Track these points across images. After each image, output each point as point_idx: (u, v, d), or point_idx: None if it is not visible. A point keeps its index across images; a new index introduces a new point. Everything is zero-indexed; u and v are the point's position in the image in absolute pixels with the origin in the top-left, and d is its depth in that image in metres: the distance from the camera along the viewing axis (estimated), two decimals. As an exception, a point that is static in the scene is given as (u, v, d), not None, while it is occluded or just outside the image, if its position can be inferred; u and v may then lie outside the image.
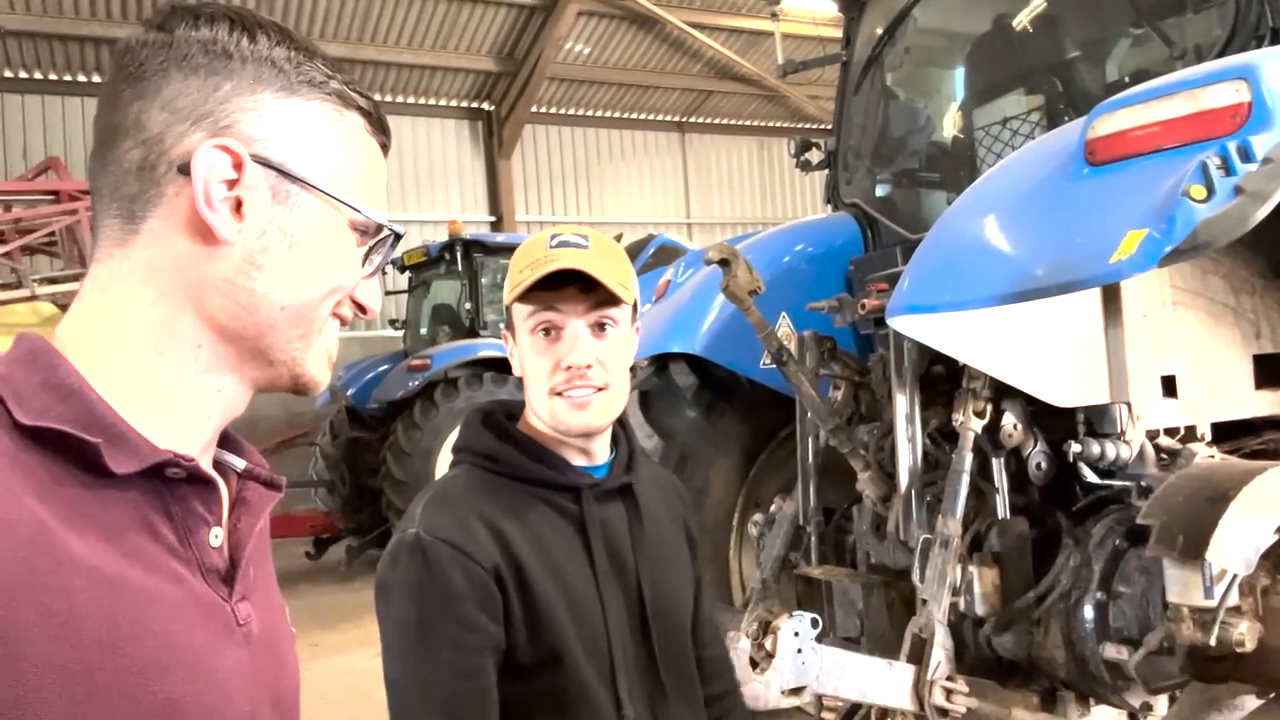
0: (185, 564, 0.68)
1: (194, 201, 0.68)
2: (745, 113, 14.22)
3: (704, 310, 2.99)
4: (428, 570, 1.17)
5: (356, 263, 0.78)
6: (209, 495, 0.71)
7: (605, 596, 1.25)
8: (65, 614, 0.58)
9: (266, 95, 0.72)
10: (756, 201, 14.68)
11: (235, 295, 0.71)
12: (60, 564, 0.59)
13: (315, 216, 0.74)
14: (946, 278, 2.06)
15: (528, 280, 1.22)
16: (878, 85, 3.48)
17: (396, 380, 7.53)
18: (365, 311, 0.81)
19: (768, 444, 3.24)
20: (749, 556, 3.16)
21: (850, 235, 3.33)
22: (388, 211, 0.80)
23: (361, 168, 0.77)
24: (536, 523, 1.25)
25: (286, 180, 0.72)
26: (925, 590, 2.15)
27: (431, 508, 1.23)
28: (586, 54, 12.11)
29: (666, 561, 1.36)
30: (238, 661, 0.70)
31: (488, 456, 1.29)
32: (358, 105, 0.77)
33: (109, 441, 0.64)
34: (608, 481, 1.31)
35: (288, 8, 10.10)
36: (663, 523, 1.39)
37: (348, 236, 0.76)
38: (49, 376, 0.65)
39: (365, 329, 11.42)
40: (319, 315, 0.75)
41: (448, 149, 12.38)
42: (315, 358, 0.77)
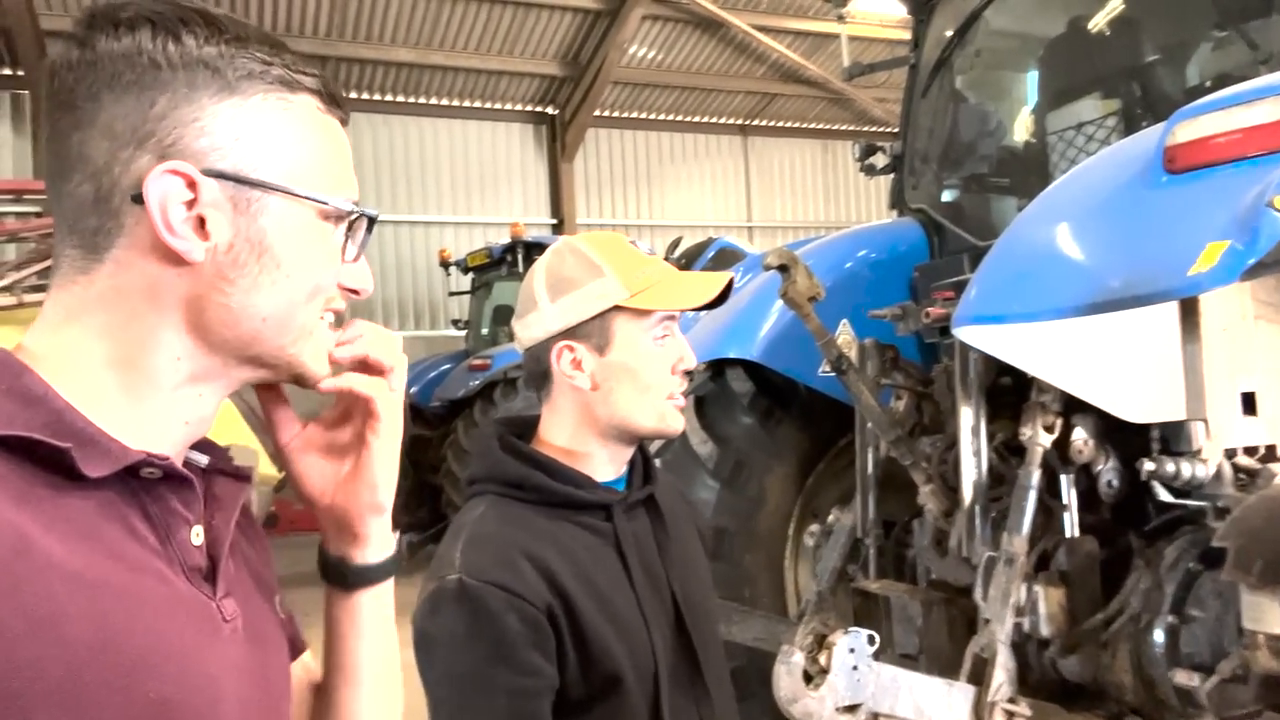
0: (168, 564, 0.67)
1: (155, 229, 0.66)
2: (810, 116, 14.09)
3: (762, 316, 2.95)
4: (476, 617, 1.11)
5: (335, 253, 0.75)
6: (187, 494, 0.70)
7: (647, 613, 1.23)
8: (50, 617, 0.58)
9: (205, 101, 0.68)
10: (819, 206, 14.53)
11: (214, 312, 0.69)
12: (41, 569, 0.58)
13: (282, 217, 0.70)
14: (1016, 287, 2.01)
15: (713, 289, 1.26)
16: (947, 88, 3.41)
17: (458, 379, 7.63)
18: (357, 293, 0.79)
19: (826, 453, 3.19)
20: (804, 567, 3.11)
21: (915, 241, 3.26)
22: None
23: (320, 152, 0.73)
24: (575, 549, 1.21)
25: (245, 188, 0.69)
26: (988, 609, 2.09)
27: (471, 550, 1.17)
28: (650, 58, 12.12)
29: (693, 567, 1.35)
30: (226, 658, 0.70)
31: (514, 484, 1.24)
32: (305, 86, 0.73)
33: (79, 446, 0.62)
34: (632, 494, 1.30)
35: (360, 14, 10.31)
36: (684, 529, 1.38)
37: (320, 228, 0.73)
38: (13, 384, 0.63)
39: (429, 329, 11.62)
40: (306, 319, 0.73)
41: (511, 152, 12.51)
42: (312, 354, 0.75)
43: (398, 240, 11.77)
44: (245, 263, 0.69)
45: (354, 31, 10.56)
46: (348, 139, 0.77)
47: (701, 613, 1.32)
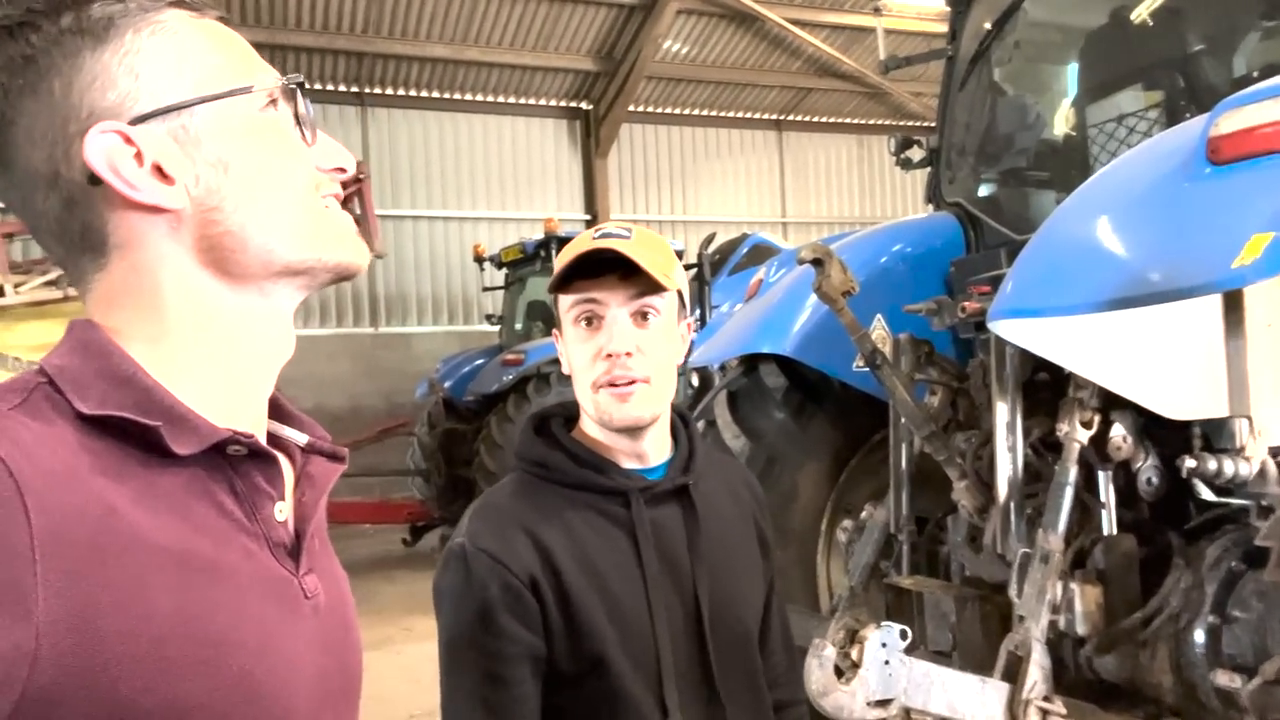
0: (253, 539, 0.69)
1: (124, 195, 0.66)
2: (845, 110, 13.97)
3: (796, 310, 2.94)
4: (467, 580, 1.18)
5: (293, 139, 0.74)
6: (271, 470, 0.71)
7: (655, 602, 1.22)
8: (136, 590, 0.60)
9: (89, 62, 0.67)
10: (855, 201, 14.41)
11: (221, 246, 0.70)
12: (129, 543, 0.60)
13: (223, 129, 0.70)
14: (1052, 281, 1.98)
15: (563, 266, 1.21)
16: (984, 81, 3.36)
17: (491, 374, 7.69)
18: (343, 170, 0.77)
19: (859, 448, 3.17)
20: (837, 563, 3.10)
21: (952, 235, 3.23)
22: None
23: (216, 53, 0.72)
24: (581, 529, 1.22)
25: (174, 116, 0.68)
26: (1023, 606, 2.06)
27: (478, 517, 1.24)
28: (685, 53, 12.09)
29: (731, 565, 1.32)
30: (307, 633, 0.71)
31: (537, 463, 1.28)
32: (166, 3, 0.71)
33: (169, 424, 0.65)
34: (662, 483, 1.28)
35: (395, 11, 10.40)
36: (728, 523, 1.35)
37: (264, 120, 0.72)
38: (104, 365, 0.66)
39: (463, 324, 11.71)
40: (305, 208, 0.73)
41: (545, 148, 12.55)
42: (338, 244, 0.75)
43: (432, 235, 11.86)
44: (219, 186, 0.69)
45: (390, 28, 10.65)
46: (233, 32, 0.76)
47: (730, 613, 1.29)
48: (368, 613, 6.57)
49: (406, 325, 11.70)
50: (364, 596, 6.86)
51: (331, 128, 11.29)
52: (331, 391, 10.67)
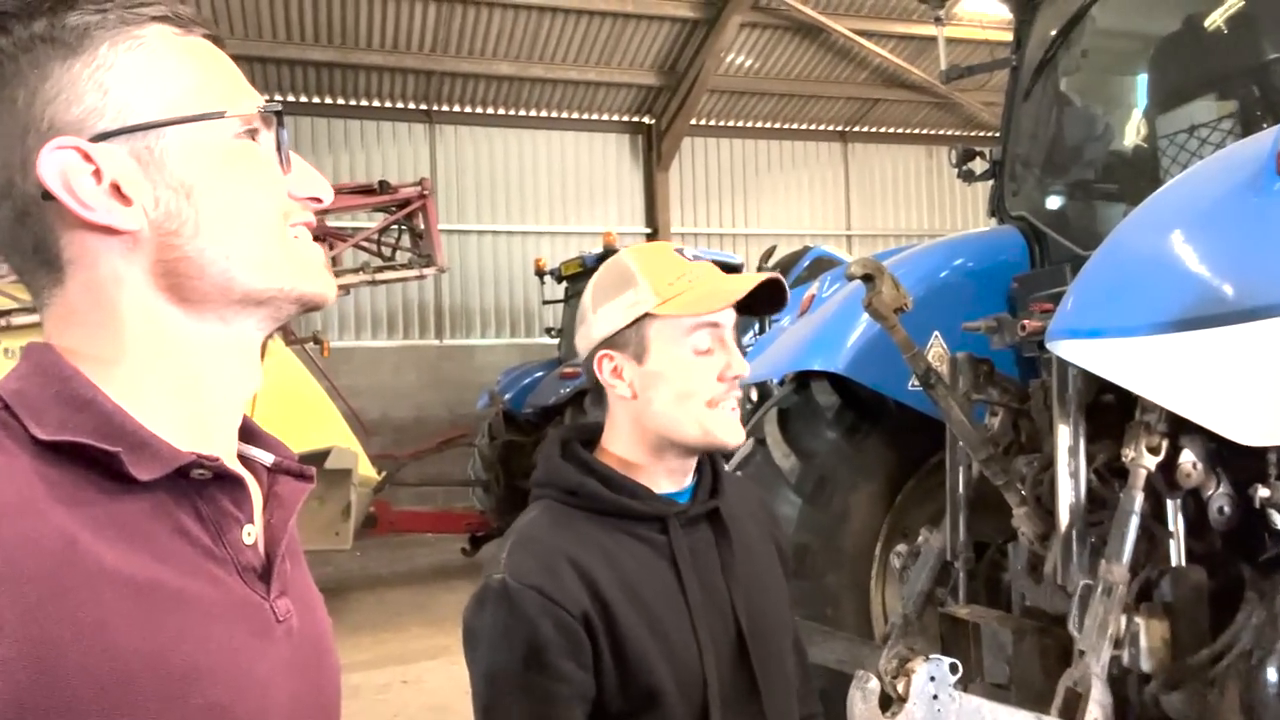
0: (220, 565, 0.67)
1: (76, 214, 0.64)
2: (913, 121, 13.74)
3: (848, 327, 2.88)
4: (514, 618, 1.12)
5: (266, 166, 0.71)
6: (238, 493, 0.69)
7: (700, 630, 1.19)
8: (98, 624, 0.57)
9: (58, 73, 0.64)
10: (923, 213, 14.14)
11: (178, 271, 0.67)
12: (90, 575, 0.58)
13: (190, 152, 0.67)
14: (1116, 299, 1.89)
15: (738, 290, 1.21)
16: (1050, 91, 3.25)
17: (549, 387, 7.74)
18: (320, 200, 0.74)
19: (915, 471, 3.08)
20: (891, 589, 3.01)
21: (1015, 250, 3.12)
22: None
23: (193, 73, 0.69)
24: (624, 559, 1.19)
25: (139, 136, 0.66)
26: (1083, 640, 1.97)
27: (517, 551, 1.18)
28: (748, 65, 12.04)
29: (763, 585, 1.30)
30: (279, 657, 0.69)
31: (569, 491, 1.24)
32: (149, 17, 0.68)
33: (129, 449, 0.62)
34: (694, 507, 1.26)
35: (463, 30, 10.58)
36: (754, 543, 1.33)
37: (235, 146, 0.70)
38: (62, 389, 0.63)
39: (524, 337, 11.82)
40: (270, 239, 0.70)
41: (607, 162, 12.62)
42: (300, 273, 0.72)
43: (496, 250, 12.02)
44: (179, 211, 0.67)
45: (457, 47, 10.84)
46: (221, 53, 0.73)
47: (768, 634, 1.27)
48: (426, 621, 6.72)
49: (470, 338, 11.86)
50: (423, 604, 6.93)
51: (400, 145, 11.56)
52: (397, 402, 10.87)
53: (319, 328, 9.17)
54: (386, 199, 7.32)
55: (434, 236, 7.29)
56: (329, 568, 8.23)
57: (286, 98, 10.98)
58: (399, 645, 5.79)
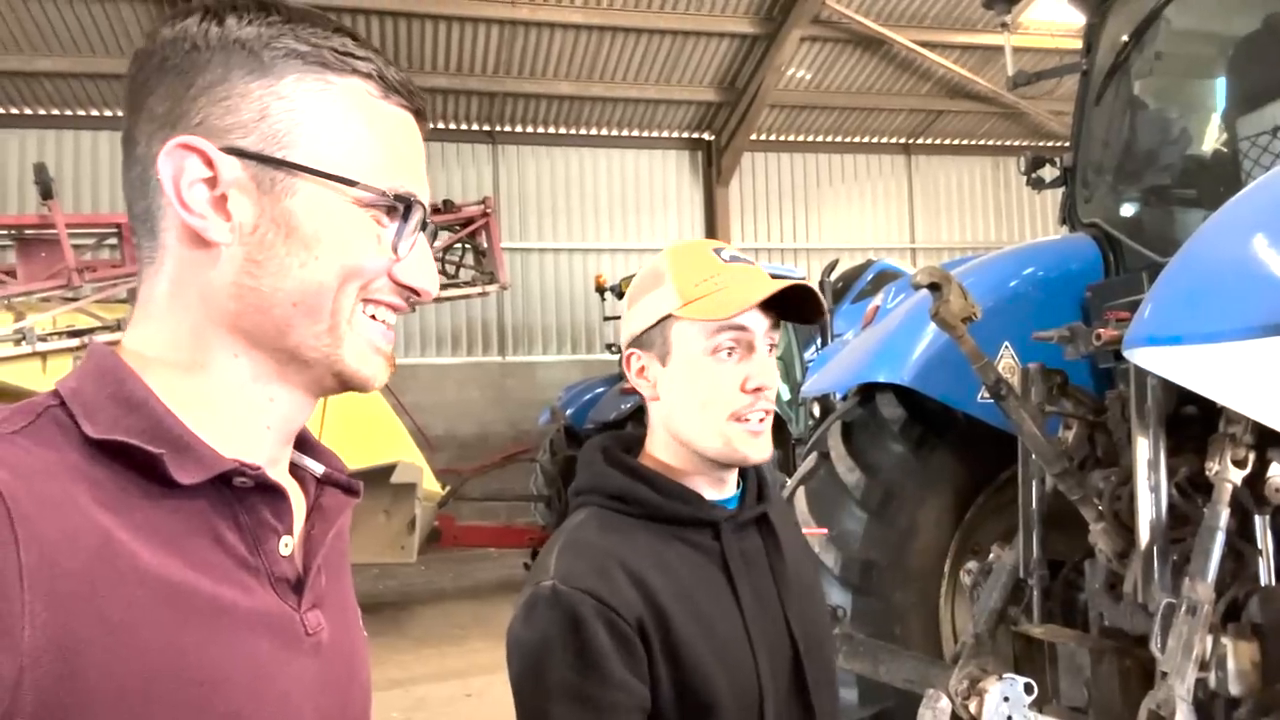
0: (254, 574, 0.67)
1: (172, 206, 0.66)
2: (979, 132, 13.50)
3: (915, 338, 2.81)
4: (566, 624, 1.06)
5: (373, 241, 0.70)
6: (278, 504, 0.69)
7: (755, 638, 1.16)
8: (126, 625, 0.58)
9: (237, 81, 0.67)
10: (990, 225, 13.86)
11: (246, 297, 0.68)
12: (123, 575, 0.59)
13: (311, 200, 0.68)
14: (1197, 304, 1.81)
15: (757, 295, 1.14)
16: (1123, 95, 3.16)
17: (610, 402, 7.76)
18: (418, 294, 0.74)
19: (986, 485, 3.00)
20: (961, 607, 2.93)
21: (1088, 258, 3.03)
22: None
23: (358, 138, 0.69)
24: (676, 565, 1.15)
25: (269, 167, 0.67)
26: (1166, 662, 1.88)
27: (567, 556, 1.13)
28: (809, 79, 11.98)
29: (809, 591, 1.27)
30: (304, 671, 0.69)
31: (616, 496, 1.19)
32: (354, 70, 0.70)
33: (174, 452, 0.63)
34: (743, 512, 1.23)
35: (525, 51, 10.75)
36: (799, 549, 1.31)
37: (358, 216, 0.70)
38: (117, 390, 0.65)
39: (586, 353, 11.88)
40: (340, 305, 0.69)
41: (668, 179, 12.66)
42: (353, 351, 0.71)
43: (557, 267, 12.13)
44: (272, 244, 0.67)
45: (519, 68, 11.02)
46: (409, 126, 0.73)
47: (818, 643, 1.25)
48: (489, 635, 6.74)
49: (532, 354, 11.98)
50: (486, 619, 6.96)
51: (464, 165, 11.78)
52: (461, 418, 11.01)
53: (385, 345, 9.34)
54: (450, 218, 7.45)
55: (496, 254, 7.39)
56: (394, 581, 8.35)
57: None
58: (462, 659, 5.84)
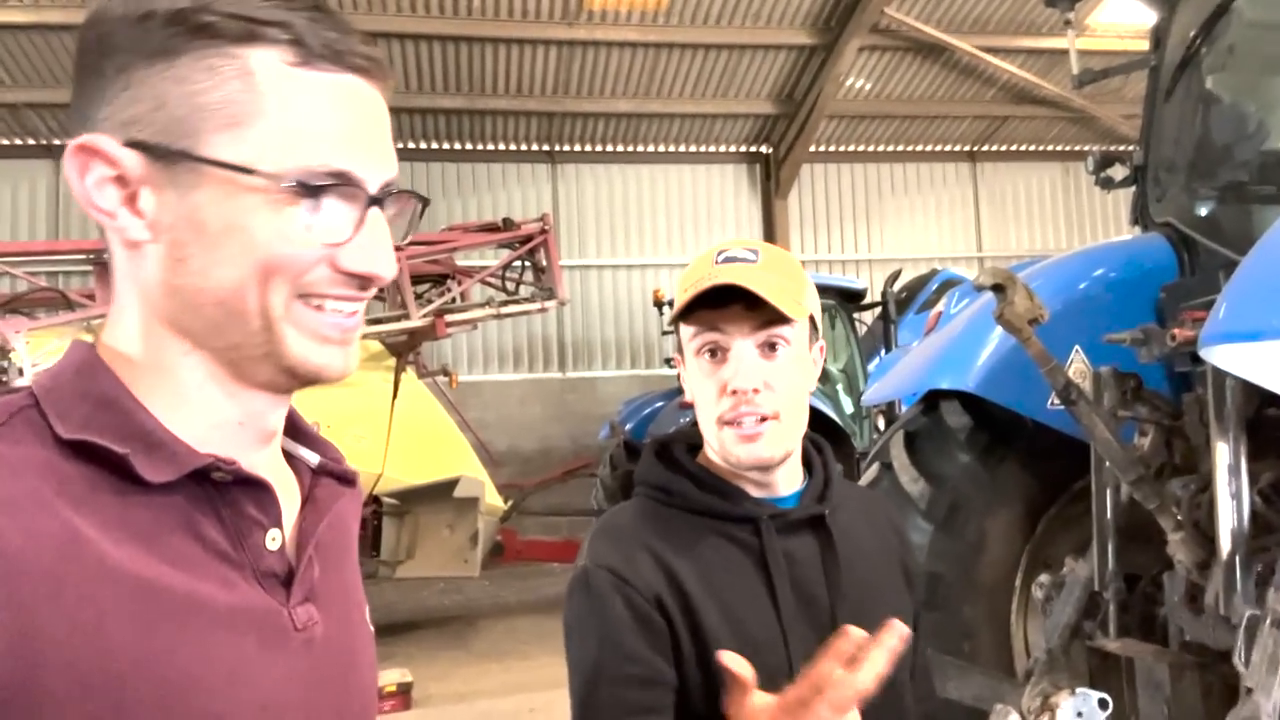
0: (237, 568, 0.65)
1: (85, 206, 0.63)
2: (1046, 137, 13.18)
3: (980, 343, 2.74)
4: (590, 602, 1.11)
5: (300, 230, 0.64)
6: (262, 497, 0.67)
7: (791, 641, 1.12)
8: (93, 624, 0.56)
9: (138, 70, 0.62)
10: (1060, 231, 13.50)
11: (177, 296, 0.64)
12: (91, 573, 0.57)
13: (218, 192, 0.62)
14: (1276, 298, 1.72)
15: (686, 299, 1.14)
16: (1195, 90, 3.04)
17: (669, 416, 7.74)
18: (370, 280, 0.67)
19: (1058, 496, 2.89)
20: (1033, 622, 2.82)
21: (1161, 258, 2.91)
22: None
23: (266, 115, 0.63)
24: (709, 557, 1.14)
25: (170, 161, 0.62)
26: (1250, 677, 1.78)
27: (598, 538, 1.18)
28: (868, 89, 11.85)
29: (875, 603, 1.19)
30: (291, 669, 0.66)
31: (659, 488, 1.21)
32: (266, 38, 0.63)
33: (144, 450, 0.61)
34: (795, 511, 1.19)
35: (582, 71, 10.87)
36: (870, 558, 1.24)
37: (273, 203, 0.63)
38: (89, 387, 0.63)
39: (645, 368, 11.89)
40: (269, 303, 0.64)
41: (725, 193, 12.64)
42: (297, 344, 0.66)
43: (615, 283, 12.19)
44: (186, 242, 0.63)
45: (577, 88, 11.14)
46: (342, 91, 0.66)
47: None
48: (553, 650, 6.71)
49: (592, 370, 12.03)
50: (549, 633, 6.99)
51: (524, 185, 11.94)
52: (523, 434, 11.10)
53: (448, 361, 9.50)
54: (510, 235, 7.55)
55: (555, 270, 7.45)
56: (459, 595, 8.42)
57: (420, 145, 11.55)
58: (527, 673, 5.84)
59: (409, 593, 8.24)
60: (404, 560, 6.69)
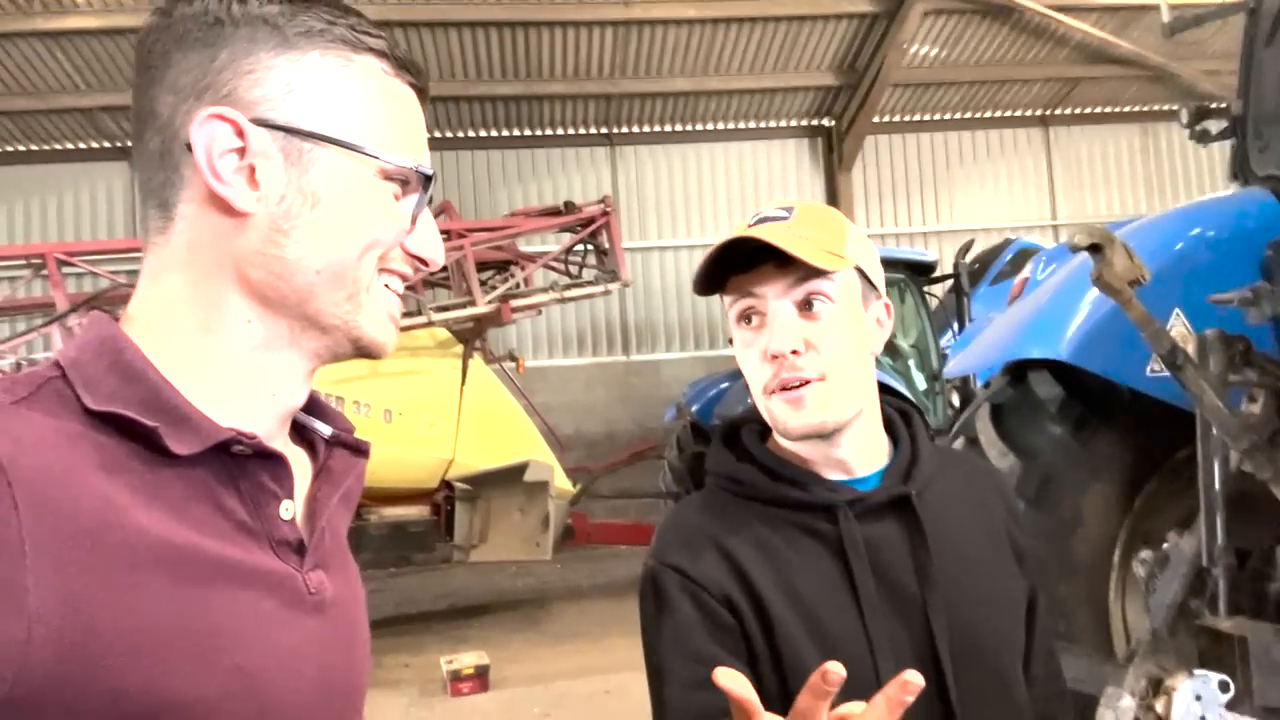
0: (254, 538, 0.69)
1: (203, 175, 0.68)
2: (1123, 98, 12.64)
3: (1071, 308, 2.60)
4: (657, 601, 1.06)
5: (393, 213, 0.74)
6: (277, 470, 0.71)
7: (875, 635, 1.03)
8: (130, 583, 0.60)
9: (262, 55, 0.69)
10: (1140, 195, 12.95)
11: (269, 265, 0.70)
12: (127, 537, 0.61)
13: (335, 172, 0.71)
14: None
15: (703, 262, 1.08)
16: (1300, 31, 2.84)
17: (736, 397, 7.65)
18: (425, 264, 0.77)
19: (1158, 468, 2.75)
20: (1134, 600, 2.69)
21: (1266, 213, 2.74)
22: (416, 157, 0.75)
23: (378, 111, 0.73)
24: (782, 551, 1.06)
25: (296, 139, 0.70)
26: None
27: (664, 533, 1.13)
28: (934, 55, 11.50)
29: (976, 589, 1.09)
30: (307, 630, 0.71)
31: (729, 478, 1.14)
32: (368, 47, 0.73)
33: (171, 423, 0.65)
34: (876, 494, 1.09)
35: (639, 51, 10.77)
36: (970, 538, 1.13)
37: (378, 187, 0.73)
38: (115, 360, 0.67)
39: (709, 349, 11.80)
40: (360, 273, 0.72)
41: (787, 169, 12.43)
42: (370, 318, 0.74)
43: (678, 264, 12.09)
44: (298, 214, 0.70)
45: (635, 68, 11.04)
46: (417, 104, 0.77)
47: (978, 650, 1.07)
48: (625, 633, 6.74)
49: (656, 352, 11.98)
50: (622, 616, 7.02)
51: (583, 169, 11.92)
52: (589, 418, 11.12)
53: (514, 346, 9.55)
54: (572, 219, 7.53)
55: (618, 252, 7.41)
56: (531, 578, 8.50)
57: (479, 133, 11.60)
58: (601, 656, 5.85)
59: (482, 576, 8.35)
60: (476, 545, 6.76)
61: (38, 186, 11.10)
